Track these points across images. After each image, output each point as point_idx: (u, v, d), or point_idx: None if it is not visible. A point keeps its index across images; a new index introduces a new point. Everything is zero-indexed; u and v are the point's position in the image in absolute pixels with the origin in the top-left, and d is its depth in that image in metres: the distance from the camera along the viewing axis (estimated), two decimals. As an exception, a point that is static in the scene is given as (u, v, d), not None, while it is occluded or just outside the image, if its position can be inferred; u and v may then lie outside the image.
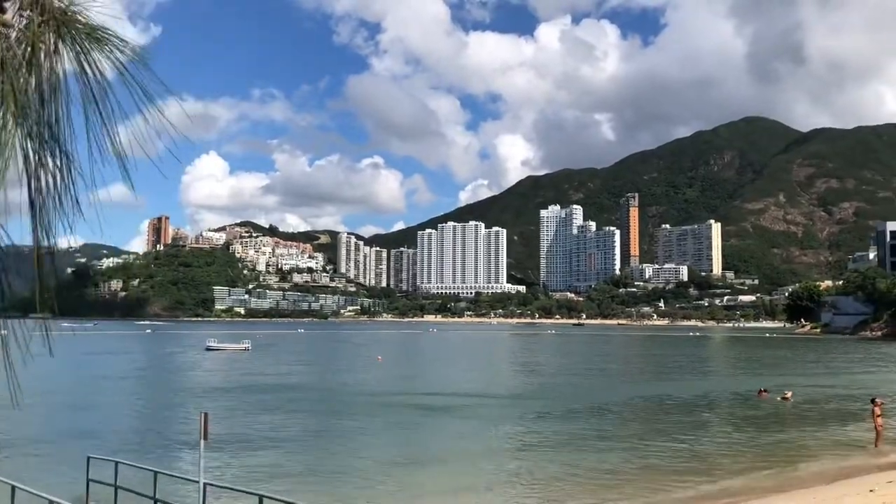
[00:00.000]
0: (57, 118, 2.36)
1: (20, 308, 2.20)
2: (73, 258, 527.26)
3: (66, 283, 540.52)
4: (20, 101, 2.27)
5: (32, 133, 2.35)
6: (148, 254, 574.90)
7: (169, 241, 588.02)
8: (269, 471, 27.31)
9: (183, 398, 52.64)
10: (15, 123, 2.30)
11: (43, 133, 2.35)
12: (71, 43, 2.32)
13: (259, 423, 40.02)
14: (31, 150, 2.37)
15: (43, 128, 2.34)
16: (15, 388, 2.19)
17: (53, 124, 2.35)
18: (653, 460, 29.86)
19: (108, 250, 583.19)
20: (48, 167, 2.36)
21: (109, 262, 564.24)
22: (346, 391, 57.36)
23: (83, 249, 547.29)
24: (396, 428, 39.39)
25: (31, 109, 2.31)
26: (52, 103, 2.33)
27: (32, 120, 2.33)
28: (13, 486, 16.35)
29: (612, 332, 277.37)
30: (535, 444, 34.33)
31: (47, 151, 2.35)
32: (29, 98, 2.31)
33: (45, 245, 2.40)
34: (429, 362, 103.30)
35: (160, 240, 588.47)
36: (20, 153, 2.35)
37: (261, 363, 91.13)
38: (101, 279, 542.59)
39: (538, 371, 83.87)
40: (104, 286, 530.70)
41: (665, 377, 73.20)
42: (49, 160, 2.37)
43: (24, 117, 2.31)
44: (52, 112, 2.35)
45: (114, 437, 33.69)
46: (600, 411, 45.59)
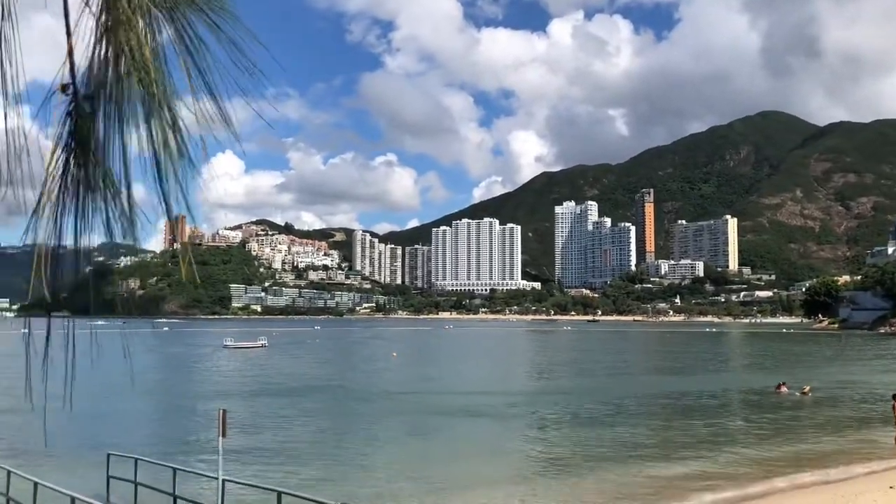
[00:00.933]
0: (169, 92, 2.23)
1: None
2: (92, 257, 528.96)
3: (85, 282, 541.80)
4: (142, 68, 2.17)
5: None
6: (165, 252, 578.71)
7: (186, 239, 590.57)
8: (286, 467, 27.44)
9: (200, 396, 52.97)
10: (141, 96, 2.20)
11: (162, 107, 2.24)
12: (165, 9, 2.20)
13: (276, 419, 40.21)
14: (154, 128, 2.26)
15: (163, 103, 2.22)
16: (29, 387, 2.13)
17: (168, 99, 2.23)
18: (670, 456, 29.70)
19: (126, 249, 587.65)
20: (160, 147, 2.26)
21: (127, 261, 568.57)
22: (362, 388, 57.50)
23: (101, 248, 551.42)
24: (413, 424, 39.43)
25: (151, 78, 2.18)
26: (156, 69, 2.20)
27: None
28: (35, 483, 16.54)
29: (628, 328, 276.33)
30: (553, 440, 34.27)
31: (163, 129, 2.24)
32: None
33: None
34: (444, 359, 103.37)
35: (176, 238, 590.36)
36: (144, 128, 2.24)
37: (277, 360, 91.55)
38: (120, 278, 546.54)
39: (554, 367, 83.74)
40: (122, 285, 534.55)
41: (682, 373, 72.82)
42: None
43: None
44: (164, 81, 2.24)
45: (133, 435, 33.98)
46: (618, 408, 45.43)
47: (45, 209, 2.22)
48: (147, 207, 2.29)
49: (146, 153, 2.25)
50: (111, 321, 5.38)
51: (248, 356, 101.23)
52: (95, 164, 2.25)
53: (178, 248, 2.19)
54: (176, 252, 2.39)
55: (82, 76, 2.21)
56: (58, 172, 2.22)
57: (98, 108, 2.22)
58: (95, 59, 2.17)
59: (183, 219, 2.15)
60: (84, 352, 2.08)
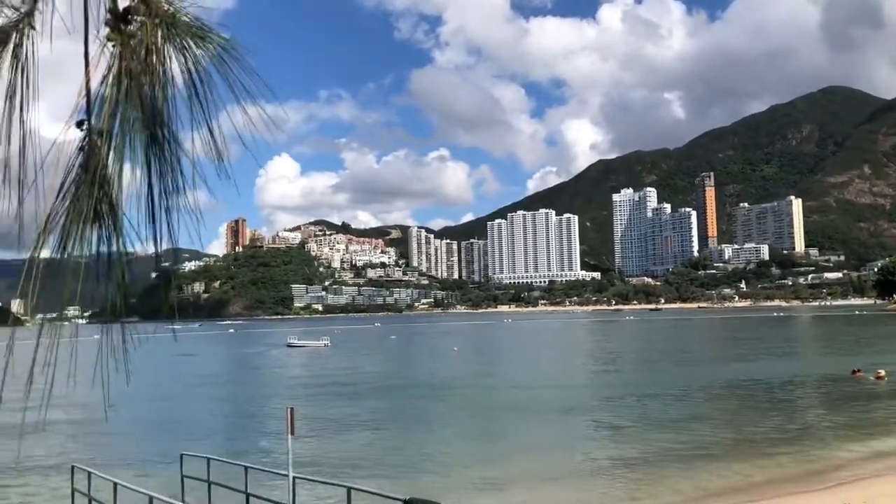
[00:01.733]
0: (168, 122, 2.39)
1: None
2: (157, 262, 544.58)
3: (152, 287, 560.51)
4: (146, 107, 2.32)
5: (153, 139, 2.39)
6: (227, 256, 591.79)
7: (247, 242, 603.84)
8: (354, 462, 27.71)
9: (268, 394, 54.01)
10: (144, 130, 2.35)
11: (163, 139, 2.38)
12: (178, 44, 2.35)
13: (342, 416, 40.67)
14: (152, 157, 2.41)
15: (160, 133, 2.38)
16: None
17: (166, 129, 2.39)
18: (745, 452, 28.98)
19: (190, 254, 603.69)
20: (169, 173, 2.41)
21: (191, 266, 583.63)
22: (424, 384, 57.73)
23: (166, 254, 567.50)
24: (476, 419, 39.41)
25: (150, 115, 2.35)
26: (165, 107, 2.36)
27: (150, 126, 2.37)
28: (115, 483, 17.02)
29: (692, 315, 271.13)
30: (618, 436, 33.79)
31: (161, 158, 2.39)
32: (148, 103, 2.35)
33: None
34: (505, 353, 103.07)
35: (238, 241, 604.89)
36: (142, 160, 2.39)
37: (340, 358, 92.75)
38: (185, 282, 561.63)
39: (617, 359, 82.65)
40: (188, 289, 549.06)
41: (752, 360, 70.94)
42: (158, 166, 2.41)
43: (148, 124, 2.35)
44: (166, 116, 2.38)
45: (205, 434, 34.79)
46: (685, 400, 44.54)
47: (52, 238, 2.38)
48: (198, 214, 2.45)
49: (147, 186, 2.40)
50: (187, 324, 5.46)
51: (311, 354, 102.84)
52: (102, 195, 2.36)
53: (239, 251, 2.31)
54: (238, 255, 2.45)
55: (98, 108, 2.33)
56: (66, 202, 2.36)
57: (112, 138, 2.34)
58: (110, 96, 2.29)
59: (243, 221, 2.27)
60: (153, 354, 2.12)
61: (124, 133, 2.35)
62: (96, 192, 2.37)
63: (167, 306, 2.38)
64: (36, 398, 2.22)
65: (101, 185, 2.38)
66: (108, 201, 2.42)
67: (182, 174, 2.41)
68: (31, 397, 2.18)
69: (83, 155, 2.36)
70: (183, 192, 2.44)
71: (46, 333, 2.23)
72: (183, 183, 2.42)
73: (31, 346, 2.19)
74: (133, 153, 2.38)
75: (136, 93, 2.31)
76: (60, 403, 18.09)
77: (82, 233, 2.39)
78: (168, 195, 2.42)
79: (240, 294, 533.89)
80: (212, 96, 2.37)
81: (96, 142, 2.36)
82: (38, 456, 31.19)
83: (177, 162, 2.39)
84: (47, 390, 2.10)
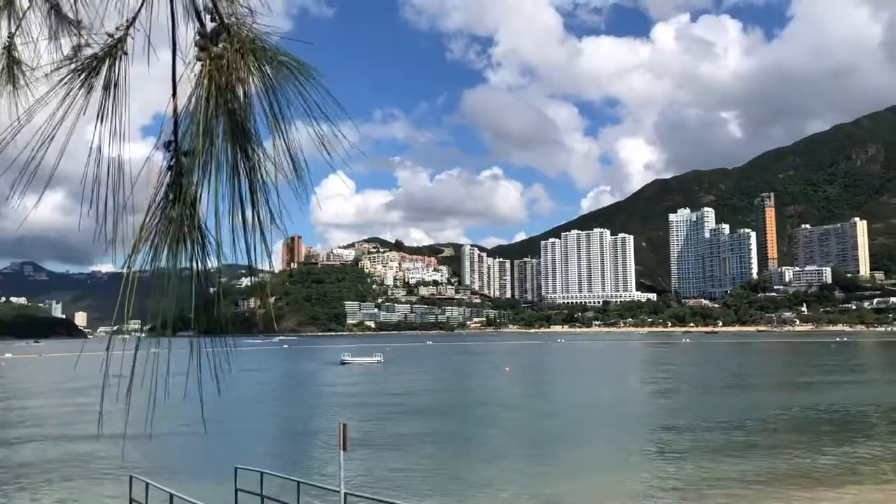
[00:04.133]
0: (256, 140, 2.47)
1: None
2: (215, 278, 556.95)
3: (211, 303, 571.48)
4: (235, 125, 2.42)
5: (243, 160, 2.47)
6: (283, 272, 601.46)
7: (302, 259, 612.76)
8: (406, 480, 27.65)
9: (322, 410, 54.41)
10: (233, 148, 2.44)
11: (251, 156, 2.46)
12: (258, 70, 2.42)
13: (395, 433, 40.68)
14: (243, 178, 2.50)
15: (249, 150, 2.46)
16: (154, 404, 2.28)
17: (254, 147, 2.47)
18: (803, 474, 27.97)
19: (246, 270, 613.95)
20: (258, 190, 2.48)
21: (247, 282, 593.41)
22: (476, 402, 57.43)
23: (224, 270, 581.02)
24: (529, 440, 39.00)
25: (239, 134, 2.44)
26: (251, 126, 2.45)
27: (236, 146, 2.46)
28: (171, 495, 17.33)
29: (751, 339, 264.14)
30: (672, 461, 32.99)
31: (250, 174, 2.46)
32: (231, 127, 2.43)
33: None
34: (557, 373, 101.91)
35: (294, 258, 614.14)
36: (229, 178, 2.48)
37: (393, 375, 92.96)
38: (241, 298, 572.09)
39: (673, 383, 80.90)
40: (243, 304, 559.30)
41: (817, 386, 68.59)
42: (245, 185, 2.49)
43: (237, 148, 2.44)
44: (252, 134, 2.46)
45: (259, 448, 35.20)
46: (742, 429, 43.21)
47: (139, 256, 2.44)
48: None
49: (232, 203, 2.48)
50: (249, 339, 5.50)
51: (365, 371, 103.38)
52: (190, 213, 2.46)
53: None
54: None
55: (183, 132, 2.45)
56: (156, 220, 2.45)
57: (197, 159, 2.44)
58: (196, 117, 2.40)
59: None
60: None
61: (213, 152, 2.43)
62: (185, 209, 2.46)
63: (266, 319, 2.12)
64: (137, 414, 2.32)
65: (189, 203, 2.47)
66: (195, 219, 2.51)
67: (267, 191, 2.46)
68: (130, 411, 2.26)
69: (171, 174, 2.45)
70: (268, 208, 2.50)
71: (137, 345, 2.33)
72: (268, 199, 2.48)
73: (120, 358, 2.27)
74: (219, 172, 2.44)
75: (225, 111, 2.38)
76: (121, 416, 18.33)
77: (172, 249, 2.47)
78: (256, 211, 2.49)
79: (294, 310, 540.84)
80: (290, 117, 2.42)
81: (184, 161, 2.45)
82: (97, 465, 32.00)
83: (263, 179, 2.44)
84: (150, 405, 2.23)
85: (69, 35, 2.70)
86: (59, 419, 49.48)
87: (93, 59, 2.45)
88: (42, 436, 41.58)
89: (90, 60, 2.44)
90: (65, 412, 53.59)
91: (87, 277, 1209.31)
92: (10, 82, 2.85)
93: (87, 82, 2.44)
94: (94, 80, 2.44)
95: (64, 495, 26.11)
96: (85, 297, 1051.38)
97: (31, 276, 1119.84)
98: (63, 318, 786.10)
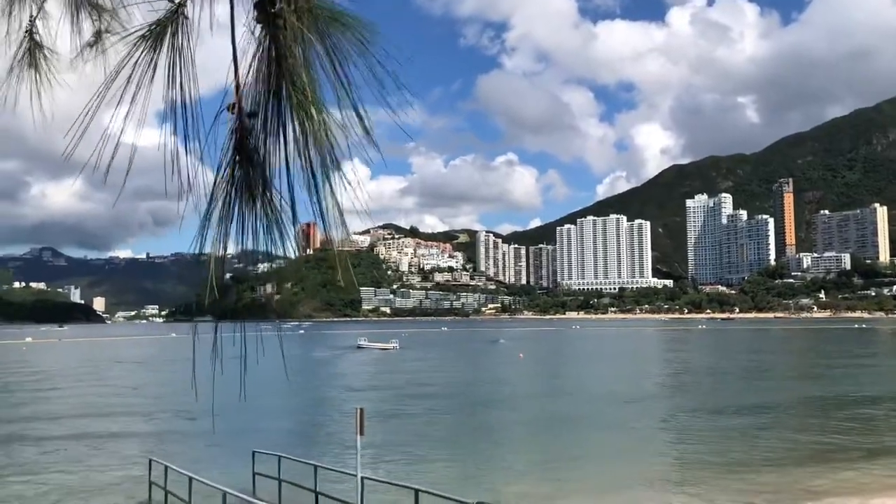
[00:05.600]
0: (320, 102, 2.41)
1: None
2: (231, 264, 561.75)
3: (227, 288, 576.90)
4: (298, 88, 2.37)
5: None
6: (298, 258, 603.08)
7: (317, 245, 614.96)
8: (422, 465, 27.72)
9: (338, 395, 54.68)
10: (298, 110, 2.38)
11: (316, 118, 2.40)
12: (318, 33, 2.38)
13: (411, 418, 40.80)
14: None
15: (313, 113, 2.40)
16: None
17: (318, 108, 2.41)
18: (821, 456, 27.76)
19: (261, 255, 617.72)
20: (327, 152, 2.44)
21: (263, 267, 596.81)
22: (491, 388, 57.46)
23: (239, 255, 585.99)
24: (543, 425, 38.96)
25: (302, 96, 2.39)
26: (313, 88, 2.39)
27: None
28: (190, 478, 17.46)
29: (768, 325, 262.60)
30: (687, 447, 32.86)
31: (317, 136, 2.40)
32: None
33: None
34: (572, 360, 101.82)
35: (309, 244, 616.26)
36: (296, 139, 2.44)
37: (409, 361, 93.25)
38: (257, 283, 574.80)
39: (690, 369, 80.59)
40: (260, 290, 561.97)
41: (839, 374, 68.14)
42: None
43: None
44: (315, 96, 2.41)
45: (276, 433, 35.38)
46: (761, 414, 42.99)
47: (213, 217, 2.46)
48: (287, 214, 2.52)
49: (299, 164, 2.44)
50: (276, 324, 5.61)
51: (381, 356, 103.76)
52: (257, 176, 2.48)
53: (334, 251, 2.36)
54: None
55: (246, 95, 2.43)
56: (224, 183, 2.46)
57: (259, 124, 2.45)
58: (258, 80, 2.39)
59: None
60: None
61: (280, 112, 2.40)
62: (251, 172, 2.47)
63: (313, 306, 2.05)
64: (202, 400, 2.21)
65: (256, 166, 2.48)
66: (262, 182, 2.50)
67: (335, 151, 2.42)
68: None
69: (235, 137, 2.45)
70: (338, 169, 2.47)
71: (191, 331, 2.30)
72: (336, 162, 2.45)
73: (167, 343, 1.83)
74: (284, 133, 2.43)
75: (286, 72, 2.35)
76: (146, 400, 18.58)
77: (240, 214, 2.48)
78: (327, 172, 2.45)
79: (310, 296, 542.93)
80: (352, 77, 2.38)
81: (248, 124, 2.44)
82: (116, 448, 32.34)
83: (332, 139, 2.40)
84: (207, 393, 2.13)
85: (91, 19, 2.69)
86: (80, 402, 50.02)
87: (156, 24, 2.44)
88: (63, 418, 42.04)
89: (154, 27, 2.44)
90: (85, 394, 54.20)
91: (105, 263, 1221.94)
92: (33, 66, 2.82)
93: (153, 48, 2.43)
94: (159, 46, 2.43)
95: (83, 477, 26.37)
96: (103, 282, 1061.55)
97: (49, 262, 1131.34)
98: (82, 304, 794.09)
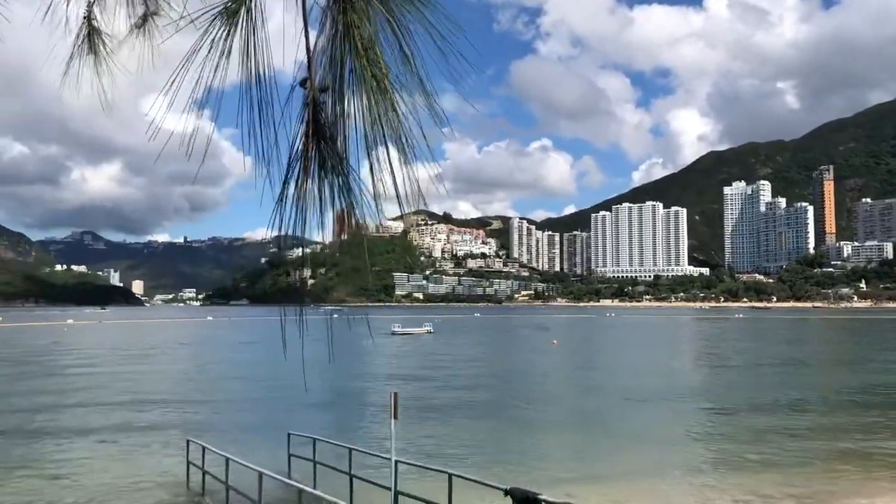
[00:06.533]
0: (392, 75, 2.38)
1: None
2: (266, 249, 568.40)
3: (260, 273, 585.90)
4: (370, 60, 2.35)
5: None
6: (332, 243, 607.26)
7: (352, 230, 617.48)
8: (456, 450, 27.75)
9: (374, 379, 55.02)
10: (371, 82, 2.38)
11: (390, 91, 2.38)
12: (385, 6, 2.36)
13: (445, 403, 40.88)
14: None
15: (386, 85, 2.38)
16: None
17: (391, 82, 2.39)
18: (858, 453, 27.20)
19: (296, 241, 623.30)
20: (399, 126, 2.45)
21: (298, 252, 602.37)
22: (524, 374, 57.38)
23: (274, 240, 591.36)
24: (577, 412, 38.77)
25: (374, 69, 2.37)
26: (384, 62, 2.37)
27: None
28: (227, 459, 17.66)
29: (806, 315, 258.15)
30: (722, 433, 32.43)
31: (391, 110, 2.39)
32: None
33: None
34: (607, 347, 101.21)
35: (342, 230, 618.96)
36: (369, 113, 2.41)
37: (443, 346, 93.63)
38: (292, 268, 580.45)
39: (727, 358, 79.57)
40: (295, 275, 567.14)
41: (881, 365, 66.77)
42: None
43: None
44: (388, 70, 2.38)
45: (312, 415, 35.69)
46: (801, 406, 42.30)
47: (288, 196, 2.46)
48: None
49: (369, 139, 2.44)
50: (328, 309, 5.64)
51: (415, 341, 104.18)
52: (332, 150, 2.48)
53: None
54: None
55: (317, 70, 2.43)
56: (298, 158, 2.48)
57: (330, 98, 2.44)
58: (329, 56, 2.39)
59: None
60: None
61: (353, 85, 2.38)
62: (324, 146, 2.46)
63: (362, 289, 2.08)
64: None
65: (329, 139, 2.47)
66: (336, 155, 2.51)
67: (409, 127, 2.40)
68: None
69: (308, 111, 2.44)
70: (409, 144, 2.44)
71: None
72: (407, 138, 2.43)
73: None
74: (358, 106, 2.40)
75: (355, 47, 2.33)
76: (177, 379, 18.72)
77: (316, 187, 2.50)
78: (401, 149, 2.44)
79: (343, 281, 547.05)
80: (419, 53, 2.36)
81: (320, 97, 2.42)
82: (155, 428, 32.89)
83: (403, 114, 2.37)
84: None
85: (146, 4, 2.68)
86: (120, 383, 50.98)
87: (231, 1, 2.43)
88: (103, 398, 42.86)
89: (229, 3, 2.43)
90: (125, 376, 55.23)
91: (144, 247, 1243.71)
92: (92, 52, 2.83)
93: (228, 24, 2.42)
94: (234, 22, 2.42)
95: (122, 457, 26.86)
96: (141, 265, 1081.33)
97: (90, 245, 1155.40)
98: (121, 286, 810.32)
